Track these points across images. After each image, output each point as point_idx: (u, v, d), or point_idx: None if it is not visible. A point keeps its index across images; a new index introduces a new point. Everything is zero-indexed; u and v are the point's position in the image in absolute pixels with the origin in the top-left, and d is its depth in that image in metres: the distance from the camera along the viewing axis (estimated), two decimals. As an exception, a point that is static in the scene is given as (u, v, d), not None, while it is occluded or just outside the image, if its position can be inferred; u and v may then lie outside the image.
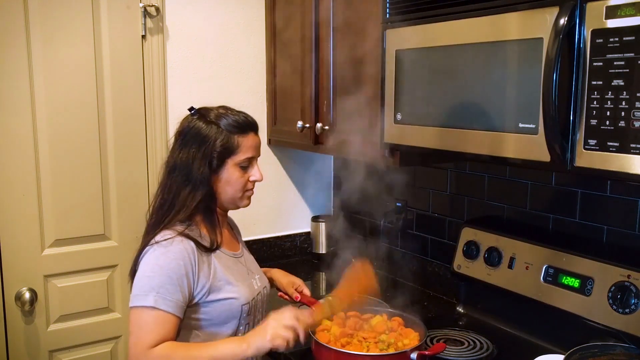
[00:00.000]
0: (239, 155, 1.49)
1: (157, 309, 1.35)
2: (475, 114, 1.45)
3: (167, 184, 1.50)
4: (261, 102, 2.54)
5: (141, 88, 2.27)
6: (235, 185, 1.51)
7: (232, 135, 1.48)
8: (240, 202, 1.56)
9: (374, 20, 1.83)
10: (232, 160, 1.49)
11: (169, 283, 1.37)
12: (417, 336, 1.61)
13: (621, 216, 1.64)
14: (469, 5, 1.45)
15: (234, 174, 1.50)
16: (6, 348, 2.12)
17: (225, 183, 1.50)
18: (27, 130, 2.08)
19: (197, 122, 1.50)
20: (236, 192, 1.52)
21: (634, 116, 1.12)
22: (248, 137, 1.51)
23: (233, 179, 1.50)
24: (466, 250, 1.94)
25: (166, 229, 1.45)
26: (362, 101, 1.95)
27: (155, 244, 1.42)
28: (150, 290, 1.36)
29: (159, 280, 1.37)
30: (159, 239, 1.42)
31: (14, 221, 2.09)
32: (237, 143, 1.49)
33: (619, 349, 1.44)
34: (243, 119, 1.52)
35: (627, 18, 1.12)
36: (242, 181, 1.52)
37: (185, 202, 1.46)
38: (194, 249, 1.43)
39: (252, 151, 1.52)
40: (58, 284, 2.19)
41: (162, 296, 1.36)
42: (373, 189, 2.07)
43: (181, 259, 1.40)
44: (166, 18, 2.29)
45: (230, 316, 1.49)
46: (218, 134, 1.47)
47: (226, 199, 1.53)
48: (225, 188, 1.51)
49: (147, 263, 1.41)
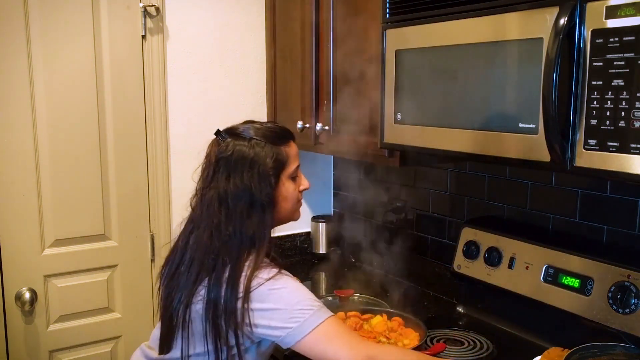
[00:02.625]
0: (290, 166, 1.43)
1: (333, 316, 1.30)
2: (475, 114, 1.45)
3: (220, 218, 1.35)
4: (261, 102, 2.54)
5: (141, 88, 2.27)
6: (292, 198, 1.45)
7: (279, 147, 1.41)
8: (294, 215, 1.49)
9: (374, 20, 1.83)
10: (285, 173, 1.42)
11: (312, 297, 1.32)
12: (417, 336, 1.62)
13: (621, 216, 1.64)
14: (469, 5, 1.45)
15: (289, 188, 1.44)
16: (6, 348, 2.12)
17: (283, 199, 1.42)
18: (27, 130, 2.08)
19: (236, 143, 1.39)
20: (293, 205, 1.47)
21: (634, 116, 1.12)
22: (291, 146, 1.46)
23: (290, 192, 1.44)
24: (466, 250, 1.94)
25: (260, 268, 1.32)
26: (362, 101, 1.95)
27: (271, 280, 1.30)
28: (314, 306, 1.29)
29: (309, 296, 1.32)
30: (266, 275, 1.30)
31: (14, 221, 2.09)
32: (285, 154, 1.42)
33: (619, 349, 1.44)
34: (280, 129, 1.46)
35: (627, 18, 1.12)
36: (296, 193, 1.46)
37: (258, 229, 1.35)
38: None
39: (298, 159, 1.47)
40: (58, 284, 2.19)
41: (322, 306, 1.31)
42: (373, 189, 2.07)
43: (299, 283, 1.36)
44: (166, 18, 2.29)
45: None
46: (265, 150, 1.38)
47: (284, 216, 1.46)
48: (284, 204, 1.43)
49: (282, 294, 1.30)
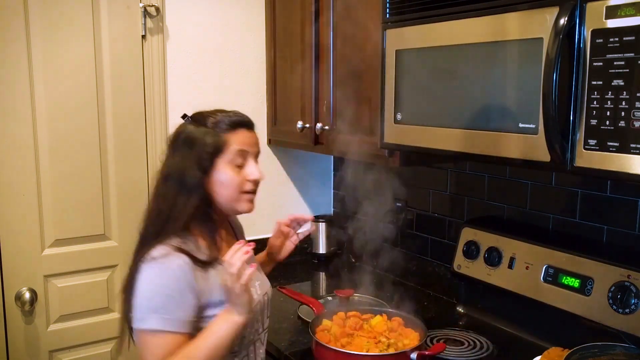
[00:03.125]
0: (229, 152, 1.41)
1: (163, 331, 1.31)
2: (475, 114, 1.45)
3: (161, 193, 1.43)
4: (261, 102, 2.54)
5: (141, 88, 2.27)
6: (230, 185, 1.42)
7: (220, 134, 1.42)
8: (237, 205, 1.46)
9: (374, 20, 1.83)
10: (223, 159, 1.41)
11: (171, 302, 1.32)
12: (417, 336, 1.61)
13: (621, 216, 1.64)
14: (469, 5, 1.45)
15: (226, 173, 1.41)
16: (6, 348, 2.12)
17: (219, 185, 1.42)
18: (27, 130, 2.08)
19: (187, 127, 1.45)
20: (231, 193, 1.43)
21: (634, 116, 1.12)
22: (237, 133, 1.44)
23: (227, 178, 1.41)
24: (466, 250, 1.95)
25: (161, 243, 1.37)
26: (362, 101, 1.95)
27: (151, 261, 1.34)
28: (152, 312, 1.32)
29: (160, 301, 1.32)
30: (155, 254, 1.35)
31: (14, 221, 2.09)
32: (224, 140, 1.41)
33: (619, 349, 1.44)
34: (232, 116, 1.45)
35: (627, 18, 1.12)
36: (237, 180, 1.42)
37: (182, 210, 1.39)
38: (190, 264, 1.36)
39: (244, 146, 1.44)
40: (58, 284, 2.19)
41: (164, 317, 1.31)
42: (373, 189, 2.07)
43: (180, 276, 1.34)
44: (166, 18, 2.29)
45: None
46: (207, 135, 1.41)
47: (223, 203, 1.44)
48: (220, 190, 1.42)
49: (145, 282, 1.34)
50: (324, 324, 1.66)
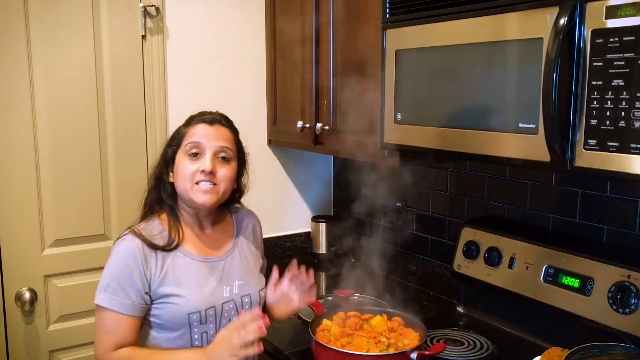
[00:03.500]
0: (184, 144, 1.50)
1: (107, 309, 1.41)
2: (475, 114, 1.45)
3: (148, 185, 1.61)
4: (261, 102, 2.54)
5: (141, 88, 2.27)
6: (183, 175, 1.47)
7: (182, 127, 1.54)
8: (192, 194, 1.46)
9: (374, 20, 1.83)
10: (181, 150, 1.51)
11: (115, 282, 1.42)
12: (417, 336, 1.61)
13: (621, 216, 1.64)
14: (469, 5, 1.45)
15: (181, 164, 1.49)
16: (6, 348, 2.12)
17: (176, 175, 1.51)
18: (27, 130, 2.08)
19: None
20: (184, 182, 1.47)
21: (634, 116, 1.12)
22: (196, 127, 1.51)
23: (180, 168, 1.49)
24: (466, 250, 1.94)
25: (129, 228, 1.49)
26: (362, 101, 1.95)
27: (114, 243, 1.49)
28: (101, 289, 1.43)
29: (108, 280, 1.42)
30: (119, 238, 1.48)
31: (14, 221, 2.09)
32: (182, 132, 1.52)
33: (619, 349, 1.44)
34: (198, 113, 1.56)
35: (627, 18, 1.12)
36: (190, 170, 1.46)
37: (149, 200, 1.56)
38: (141, 247, 1.43)
39: (198, 138, 1.48)
40: (58, 284, 2.19)
41: (108, 295, 1.41)
42: (373, 189, 2.07)
43: (126, 258, 1.42)
44: (166, 18, 2.29)
45: (177, 323, 1.45)
46: (177, 130, 1.55)
47: (181, 193, 1.50)
48: (177, 181, 1.51)
49: (107, 262, 1.47)
50: (324, 324, 1.66)
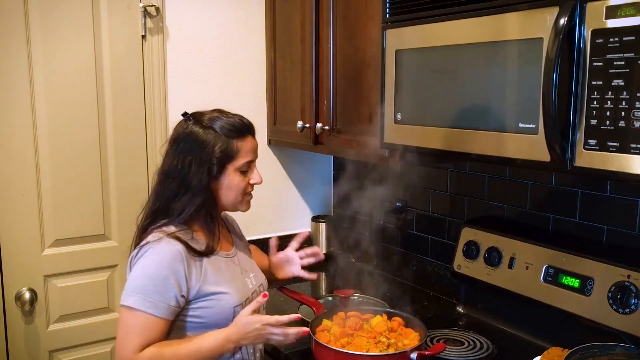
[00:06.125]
0: (239, 160, 1.48)
1: (139, 311, 1.37)
2: (475, 114, 1.45)
3: (160, 190, 1.50)
4: (261, 102, 2.54)
5: (141, 88, 2.28)
6: (237, 190, 1.51)
7: (231, 140, 1.47)
8: (240, 206, 1.56)
9: (374, 20, 1.83)
10: (233, 165, 1.48)
11: (151, 285, 1.38)
12: (417, 336, 1.61)
13: (621, 216, 1.64)
14: (469, 5, 1.45)
15: (234, 179, 1.49)
16: (6, 348, 2.12)
17: (226, 189, 1.50)
18: (27, 130, 2.08)
19: (193, 128, 1.47)
20: (237, 196, 1.52)
21: (634, 116, 1.12)
22: (246, 141, 1.50)
23: (234, 184, 1.50)
24: (466, 250, 1.94)
25: (158, 230, 1.45)
26: (362, 101, 1.95)
27: (145, 245, 1.42)
28: (134, 290, 1.39)
29: (143, 282, 1.39)
30: (150, 239, 1.43)
31: (14, 221, 2.09)
32: (236, 148, 1.48)
33: (619, 349, 1.44)
34: (239, 122, 1.50)
35: (627, 18, 1.12)
36: (243, 185, 1.52)
37: (184, 207, 1.46)
38: (183, 251, 1.42)
39: (251, 155, 1.52)
40: (58, 284, 2.19)
41: (142, 297, 1.37)
42: (373, 189, 2.07)
43: (166, 261, 1.39)
44: (166, 18, 2.29)
45: (222, 318, 1.48)
46: (216, 140, 1.46)
47: (227, 204, 1.54)
48: (227, 193, 1.51)
49: (139, 264, 1.41)
50: (324, 324, 1.66)
